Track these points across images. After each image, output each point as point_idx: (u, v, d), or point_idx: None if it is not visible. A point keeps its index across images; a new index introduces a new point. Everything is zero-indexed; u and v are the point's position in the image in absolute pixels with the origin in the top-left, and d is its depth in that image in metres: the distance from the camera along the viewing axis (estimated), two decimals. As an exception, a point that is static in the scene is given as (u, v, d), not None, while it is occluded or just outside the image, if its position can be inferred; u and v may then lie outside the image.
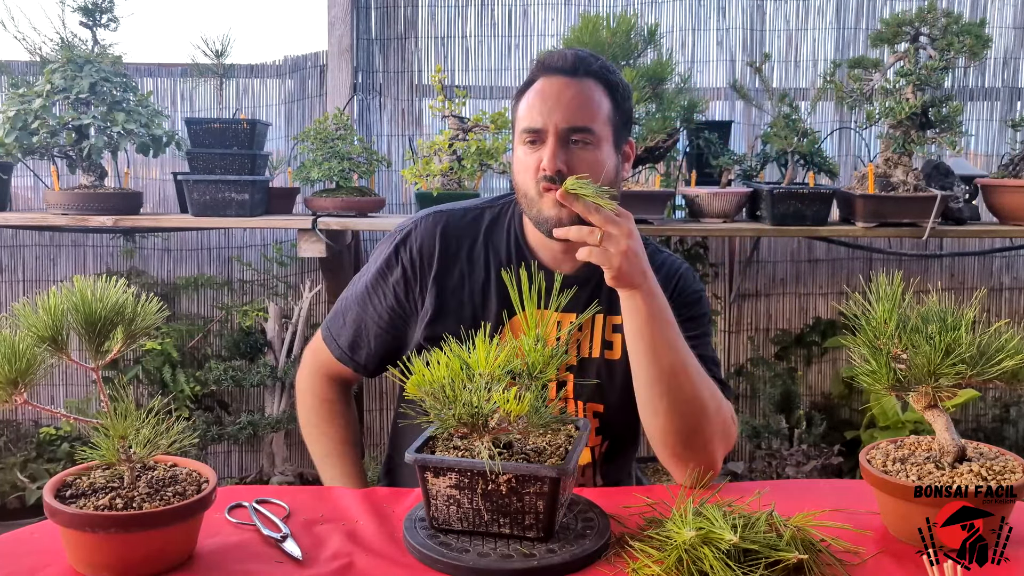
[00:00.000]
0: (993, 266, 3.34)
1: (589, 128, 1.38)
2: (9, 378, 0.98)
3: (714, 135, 2.81)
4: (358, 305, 1.55)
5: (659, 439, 1.36)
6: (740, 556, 0.99)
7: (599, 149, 1.39)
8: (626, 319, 1.34)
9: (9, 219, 2.81)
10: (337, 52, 3.13)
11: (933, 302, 1.10)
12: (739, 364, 3.34)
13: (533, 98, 1.40)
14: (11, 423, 3.12)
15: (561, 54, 1.41)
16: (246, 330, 3.14)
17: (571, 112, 1.37)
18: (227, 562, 1.05)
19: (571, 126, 1.37)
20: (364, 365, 1.55)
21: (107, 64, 2.64)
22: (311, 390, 1.62)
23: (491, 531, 1.09)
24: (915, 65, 2.53)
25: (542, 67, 1.41)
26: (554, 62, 1.40)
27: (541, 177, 1.37)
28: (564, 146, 1.37)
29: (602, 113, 1.40)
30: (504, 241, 1.51)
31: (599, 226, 1.26)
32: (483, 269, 1.49)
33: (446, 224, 1.51)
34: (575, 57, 1.40)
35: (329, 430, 1.59)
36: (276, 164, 3.08)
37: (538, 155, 1.37)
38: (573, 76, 1.39)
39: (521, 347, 1.13)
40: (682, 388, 1.33)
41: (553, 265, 1.48)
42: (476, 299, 1.48)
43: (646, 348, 1.32)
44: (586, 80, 1.40)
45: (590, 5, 3.21)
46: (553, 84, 1.39)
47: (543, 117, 1.37)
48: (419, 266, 1.49)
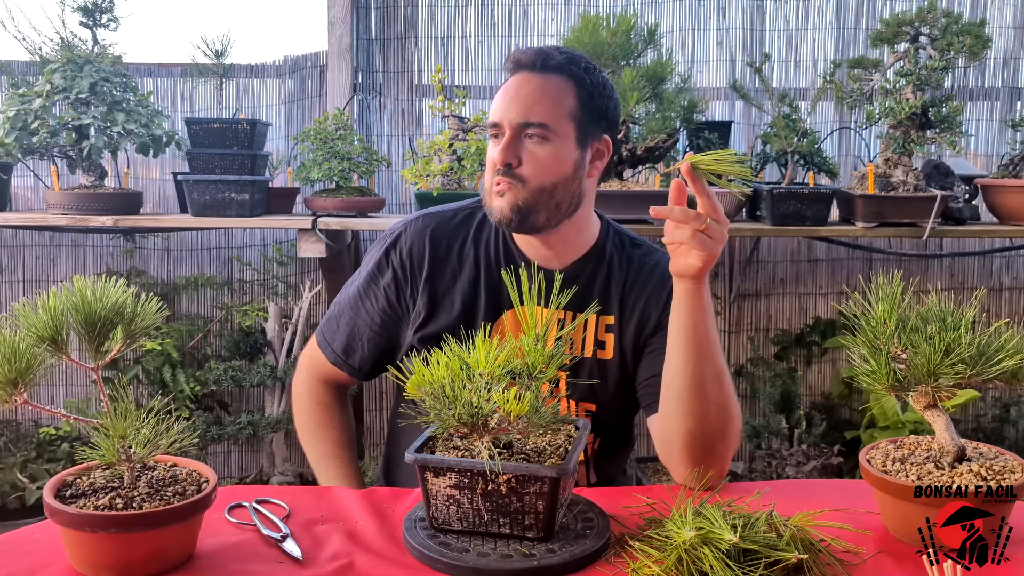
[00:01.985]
0: (993, 266, 3.34)
1: (544, 123, 1.37)
2: (9, 378, 0.98)
3: (714, 135, 2.81)
4: (351, 309, 1.55)
5: (682, 443, 1.33)
6: (740, 556, 0.98)
7: (555, 144, 1.38)
8: (683, 313, 1.29)
9: (9, 219, 2.81)
10: (337, 52, 3.13)
11: (933, 302, 1.10)
12: (739, 364, 3.34)
13: (498, 95, 1.42)
14: (11, 423, 3.12)
15: (528, 50, 1.42)
16: (246, 330, 3.14)
17: (526, 107, 1.38)
18: (227, 562, 1.05)
19: (525, 120, 1.37)
20: (359, 368, 1.56)
21: (107, 64, 2.64)
22: (307, 394, 1.62)
23: (491, 531, 1.09)
24: (915, 65, 2.53)
25: (513, 64, 1.43)
26: (519, 58, 1.41)
27: (496, 172, 1.39)
28: (518, 140, 1.38)
29: (562, 108, 1.39)
30: (493, 239, 1.50)
31: (708, 212, 1.21)
32: (472, 268, 1.49)
33: (435, 226, 1.51)
34: (538, 52, 1.41)
35: (325, 433, 1.59)
36: (276, 164, 3.08)
37: (495, 151, 1.39)
38: (533, 71, 1.40)
39: (521, 347, 1.13)
40: (721, 391, 1.31)
41: (542, 261, 1.48)
42: (466, 298, 1.48)
43: (699, 343, 1.29)
44: (549, 75, 1.40)
45: (590, 5, 3.21)
46: (516, 79, 1.41)
47: (501, 112, 1.39)
48: (409, 269, 1.49)
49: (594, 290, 1.47)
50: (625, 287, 1.49)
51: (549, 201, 1.39)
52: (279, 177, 3.12)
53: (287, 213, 2.93)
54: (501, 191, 1.39)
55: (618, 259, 1.51)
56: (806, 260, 3.35)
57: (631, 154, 2.56)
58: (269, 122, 3.05)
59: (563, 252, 1.49)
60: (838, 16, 3.24)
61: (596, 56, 2.47)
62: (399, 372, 1.08)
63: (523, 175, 1.38)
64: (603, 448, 1.54)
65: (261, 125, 2.81)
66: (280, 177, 3.12)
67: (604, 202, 2.52)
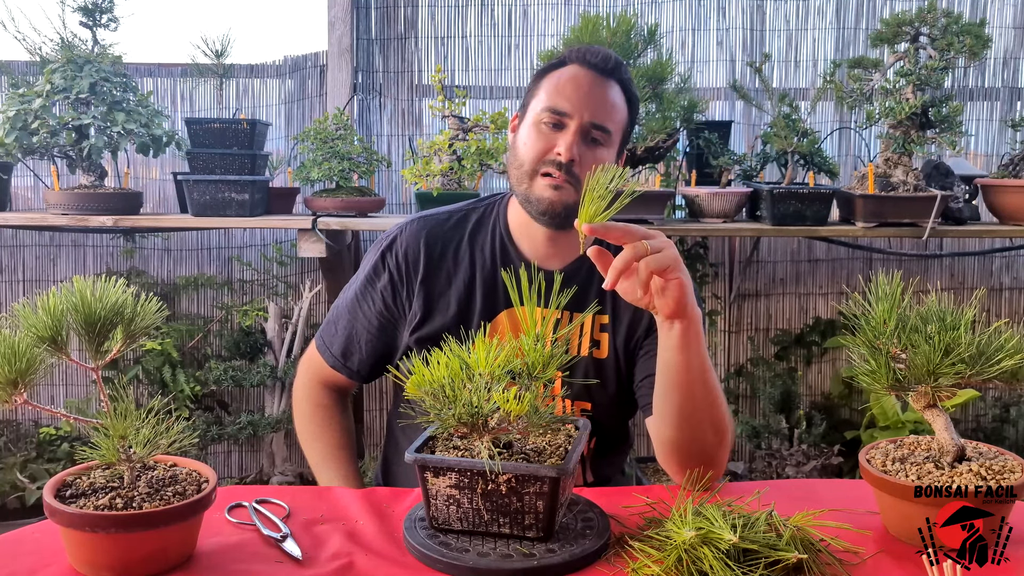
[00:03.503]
0: (993, 266, 3.34)
1: (608, 129, 1.41)
2: (9, 378, 0.98)
3: (714, 135, 2.81)
4: (348, 313, 1.56)
5: (673, 453, 1.34)
6: (740, 556, 0.99)
7: (609, 151, 1.42)
8: (661, 347, 1.28)
9: (9, 219, 2.81)
10: (337, 52, 3.13)
11: (933, 302, 1.10)
12: (739, 364, 3.34)
13: (565, 82, 1.41)
14: (11, 423, 3.12)
15: (601, 51, 1.43)
16: (246, 330, 3.14)
17: (600, 108, 1.40)
18: (227, 562, 1.05)
19: (595, 122, 1.39)
20: (357, 371, 1.57)
21: (107, 64, 2.64)
22: (307, 397, 1.63)
23: (491, 531, 1.09)
24: (915, 65, 2.53)
25: (580, 56, 1.43)
26: (593, 56, 1.42)
27: (550, 160, 1.38)
28: (583, 138, 1.39)
29: (620, 118, 1.44)
30: (489, 240, 1.51)
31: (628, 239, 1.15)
32: (468, 269, 1.50)
33: (430, 229, 1.52)
34: (614, 59, 1.43)
35: (324, 435, 1.59)
36: (276, 164, 3.08)
37: (553, 138, 1.39)
38: (607, 76, 1.42)
39: (521, 347, 1.13)
40: (710, 415, 1.31)
41: (541, 261, 1.48)
42: (461, 299, 1.49)
43: (676, 378, 1.28)
44: (615, 84, 1.43)
45: (590, 5, 3.21)
46: (588, 76, 1.41)
47: (572, 104, 1.39)
48: (405, 271, 1.50)
49: (591, 289, 1.48)
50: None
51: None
52: (279, 177, 3.12)
53: (287, 213, 2.93)
54: (557, 184, 1.39)
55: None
56: (806, 260, 3.35)
57: (631, 154, 2.56)
58: (269, 122, 3.05)
59: (565, 251, 1.50)
60: (838, 16, 3.24)
61: (596, 56, 2.47)
62: (397, 373, 1.07)
63: (579, 175, 1.38)
64: (599, 448, 1.54)
65: (261, 125, 2.81)
66: (280, 177, 3.12)
67: (604, 202, 2.52)
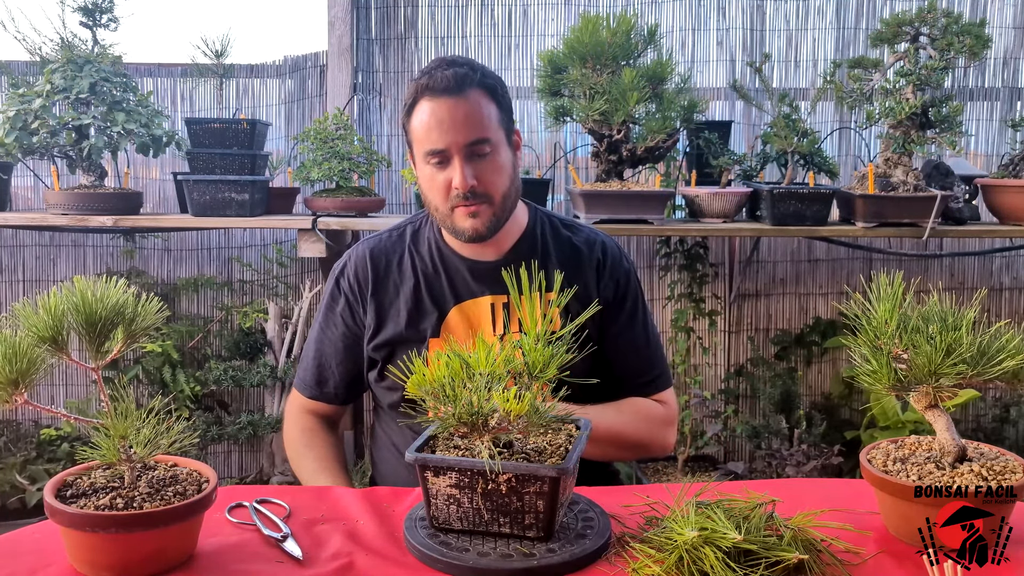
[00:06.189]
0: (993, 266, 3.34)
1: (487, 138, 1.46)
2: (9, 378, 0.98)
3: (714, 135, 2.81)
4: (316, 344, 1.67)
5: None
6: (740, 556, 0.98)
7: (498, 154, 1.48)
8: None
9: (9, 219, 2.81)
10: (337, 52, 3.13)
11: (933, 302, 1.10)
12: (739, 364, 3.34)
13: (427, 120, 1.45)
14: (11, 423, 3.12)
15: (442, 75, 1.45)
16: (246, 330, 3.14)
17: (467, 127, 1.44)
18: (227, 562, 1.05)
19: (470, 140, 1.44)
20: (335, 394, 1.67)
21: (107, 64, 2.64)
22: (295, 425, 1.70)
23: (491, 531, 1.09)
24: (915, 65, 2.53)
25: (426, 89, 1.45)
26: (437, 83, 1.44)
27: (455, 195, 1.46)
28: (469, 160, 1.45)
29: (491, 119, 1.48)
30: (426, 246, 1.61)
31: None
32: (412, 276, 1.60)
33: (374, 247, 1.63)
34: (455, 76, 1.45)
35: (312, 452, 1.64)
36: (276, 164, 3.08)
37: (446, 174, 1.46)
38: (458, 94, 1.44)
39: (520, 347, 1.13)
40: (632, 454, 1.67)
41: (478, 256, 1.57)
42: (410, 305, 1.58)
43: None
44: (471, 93, 1.46)
45: (590, 5, 3.21)
46: (441, 105, 1.44)
47: (443, 139, 1.45)
48: (358, 290, 1.62)
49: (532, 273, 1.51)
50: (560, 266, 1.57)
51: (508, 205, 1.51)
52: (279, 177, 3.12)
53: (287, 213, 2.93)
54: (473, 212, 1.48)
55: (552, 241, 1.61)
56: (806, 260, 3.35)
57: (631, 154, 2.56)
58: (269, 122, 3.05)
59: (499, 242, 1.57)
60: (838, 16, 3.24)
61: (596, 56, 2.47)
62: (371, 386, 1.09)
63: (487, 193, 1.47)
64: None
65: (261, 125, 2.81)
66: (280, 177, 3.12)
67: (604, 202, 2.52)
